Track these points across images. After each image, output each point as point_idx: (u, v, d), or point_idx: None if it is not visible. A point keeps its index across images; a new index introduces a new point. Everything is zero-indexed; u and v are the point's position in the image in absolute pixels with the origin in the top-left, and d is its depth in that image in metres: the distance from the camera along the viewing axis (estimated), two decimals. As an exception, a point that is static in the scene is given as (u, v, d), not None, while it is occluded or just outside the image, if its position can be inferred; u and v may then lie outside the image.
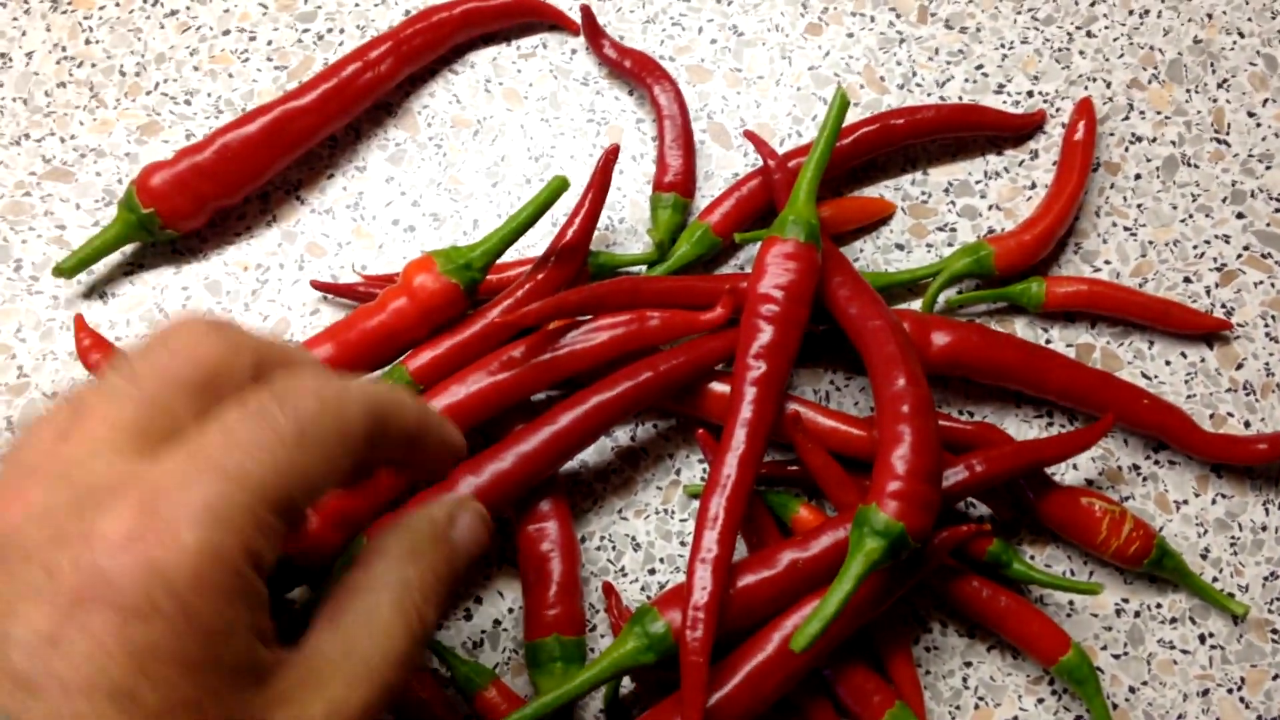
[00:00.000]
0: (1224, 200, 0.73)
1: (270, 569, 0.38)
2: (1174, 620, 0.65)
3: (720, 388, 0.64)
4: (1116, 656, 0.64)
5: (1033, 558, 0.65)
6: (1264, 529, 0.66)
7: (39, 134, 0.73)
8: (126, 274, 0.70)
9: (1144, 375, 0.69)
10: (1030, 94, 0.76)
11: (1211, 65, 0.77)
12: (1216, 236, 0.73)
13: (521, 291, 0.64)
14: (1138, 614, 0.65)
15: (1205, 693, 0.63)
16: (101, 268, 0.70)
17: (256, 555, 0.36)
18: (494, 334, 0.64)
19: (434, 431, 0.47)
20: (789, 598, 0.59)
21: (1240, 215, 0.73)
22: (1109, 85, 0.77)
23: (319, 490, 0.40)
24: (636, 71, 0.74)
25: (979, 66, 0.77)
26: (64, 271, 0.67)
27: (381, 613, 0.42)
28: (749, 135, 0.71)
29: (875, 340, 0.61)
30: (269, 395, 0.39)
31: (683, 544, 0.66)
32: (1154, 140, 0.75)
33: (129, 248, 0.71)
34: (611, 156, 0.64)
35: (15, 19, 0.76)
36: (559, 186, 0.63)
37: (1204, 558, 0.66)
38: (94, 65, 0.75)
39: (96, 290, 0.70)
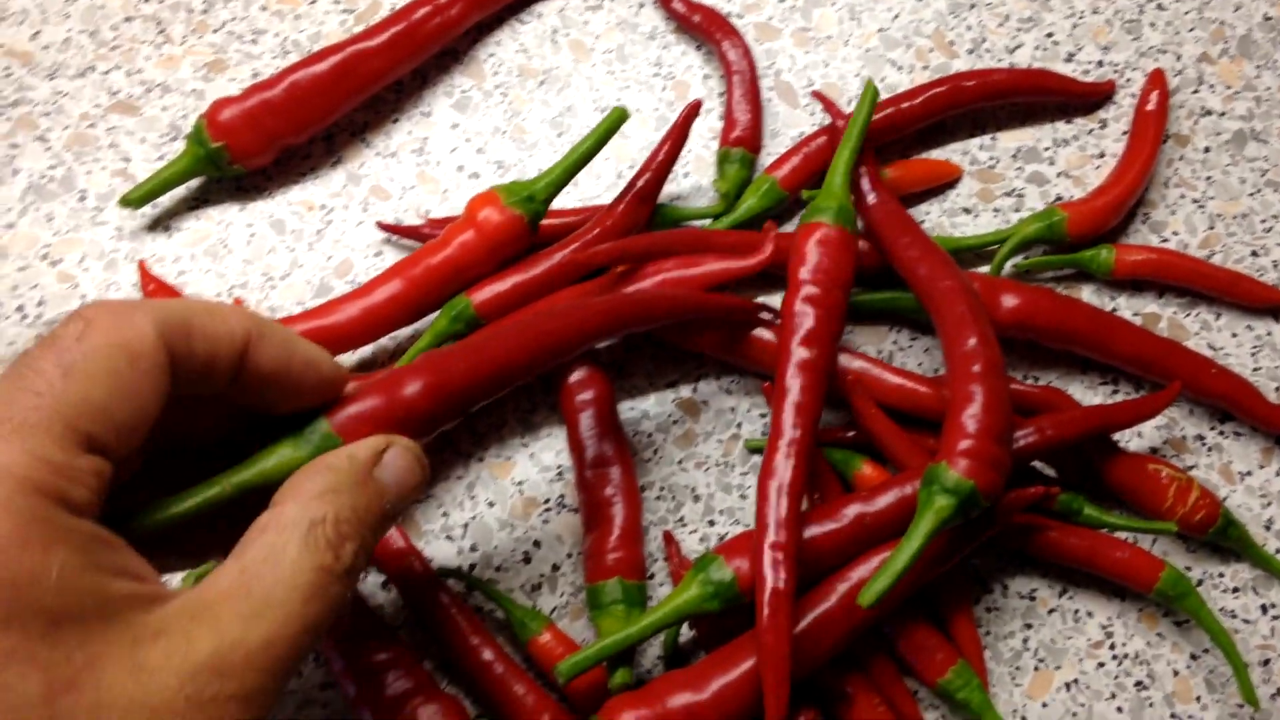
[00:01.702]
0: (1292, 176, 0.73)
1: (98, 505, 0.37)
2: (1236, 590, 0.64)
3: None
4: (1178, 624, 0.63)
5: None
6: (1327, 503, 0.66)
7: (105, 67, 0.73)
8: (191, 209, 0.70)
9: (1210, 346, 0.69)
10: (1100, 64, 0.76)
11: (1281, 42, 0.77)
12: (1285, 212, 0.72)
13: (592, 234, 0.64)
14: (1200, 583, 0.64)
15: (1266, 662, 0.63)
16: (166, 201, 0.70)
17: (62, 496, 0.36)
18: (559, 273, 0.64)
19: (295, 354, 0.45)
20: (852, 552, 0.58)
21: (1309, 191, 0.73)
22: (1179, 58, 0.76)
23: (122, 415, 0.38)
24: (705, 27, 0.74)
25: (1049, 34, 0.77)
26: (130, 202, 0.67)
27: (288, 550, 0.40)
28: (817, 95, 0.70)
29: (946, 301, 0.61)
30: (36, 344, 0.38)
31: (742, 497, 0.65)
32: (1223, 114, 0.75)
33: (194, 183, 0.71)
34: (693, 111, 0.64)
35: (83, -47, 0.76)
36: (619, 117, 0.63)
37: (1267, 529, 0.65)
38: (161, 1, 0.75)
39: (160, 224, 0.70)
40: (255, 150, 0.68)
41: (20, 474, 0.35)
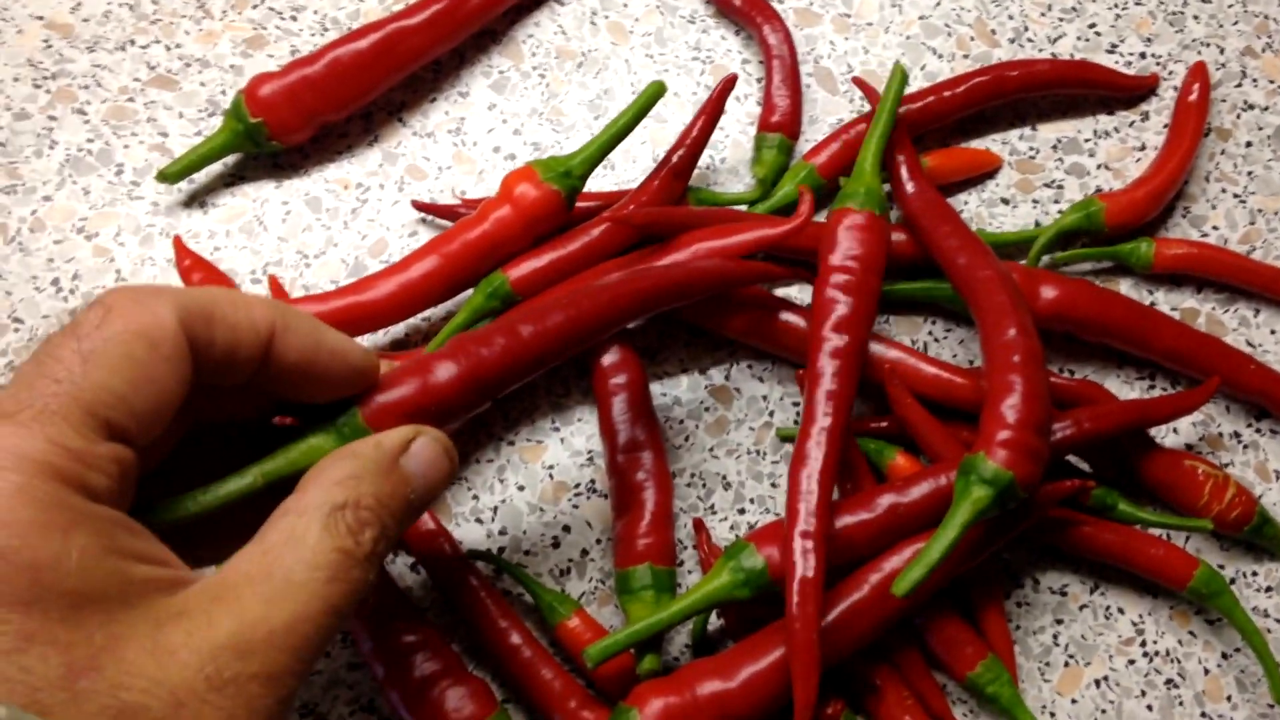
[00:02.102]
0: (1336, 173, 0.72)
1: (119, 491, 0.38)
2: (1269, 589, 0.64)
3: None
4: (1210, 622, 0.63)
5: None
6: (1364, 504, 0.66)
7: (144, 41, 0.73)
8: (227, 185, 0.70)
9: (1248, 343, 0.69)
10: (1143, 55, 0.75)
11: (1327, 37, 0.76)
12: (1327, 208, 0.72)
13: (628, 210, 0.64)
14: (1233, 581, 0.64)
15: (1299, 663, 0.63)
16: (203, 177, 0.70)
17: (82, 482, 0.36)
18: (595, 248, 0.64)
19: (322, 345, 0.45)
20: (885, 542, 0.58)
21: (1353, 188, 0.72)
22: (1222, 51, 0.76)
23: (142, 403, 0.38)
24: (746, 11, 0.74)
25: (1092, 25, 0.76)
26: (168, 177, 0.67)
27: (310, 533, 0.40)
28: (857, 82, 0.70)
29: (985, 290, 0.60)
30: (58, 331, 0.38)
31: (774, 485, 0.65)
32: (1266, 109, 0.74)
33: (230, 159, 0.71)
34: (728, 85, 0.64)
35: (123, -74, 0.76)
36: (657, 90, 0.63)
37: (1303, 528, 0.65)
38: (201, -24, 0.75)
39: (197, 199, 0.70)
40: (294, 127, 0.68)
41: (40, 459, 0.35)
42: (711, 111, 0.64)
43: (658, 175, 0.64)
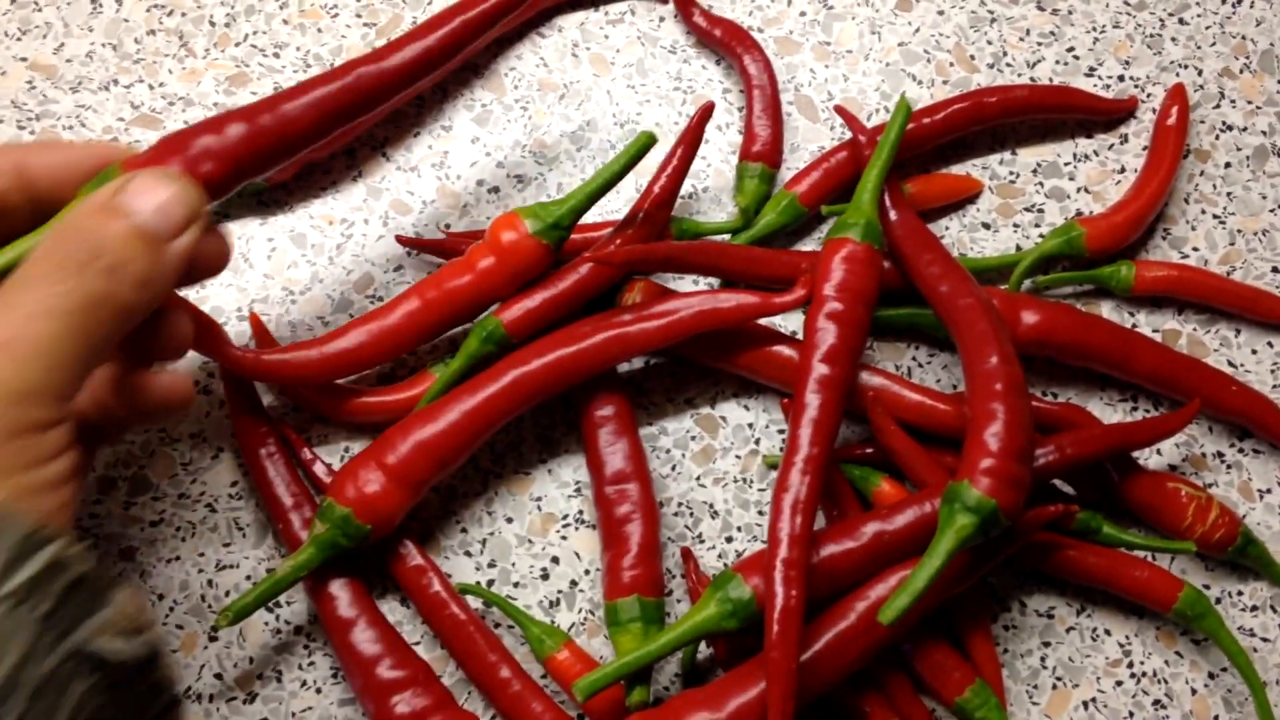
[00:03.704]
0: (1314, 192, 0.73)
1: None
2: (1255, 608, 0.64)
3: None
4: (1196, 642, 0.63)
5: (1114, 541, 0.65)
6: (1348, 522, 0.66)
7: (128, 80, 0.73)
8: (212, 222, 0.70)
9: (1230, 363, 0.69)
10: (1121, 78, 0.76)
11: (1303, 57, 0.77)
12: (1306, 228, 0.72)
13: (615, 242, 0.64)
14: (1218, 600, 0.64)
15: (1286, 682, 0.63)
16: (188, 215, 0.70)
17: None
18: (585, 287, 0.64)
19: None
20: (871, 570, 0.58)
21: (1331, 207, 0.73)
22: (1200, 73, 0.76)
23: None
24: (726, 41, 0.74)
25: (1070, 49, 0.77)
26: None
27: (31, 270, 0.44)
28: (839, 110, 0.70)
29: (967, 318, 0.61)
30: None
31: (760, 513, 0.65)
32: (1244, 129, 0.75)
33: (215, 196, 0.71)
34: (706, 113, 0.64)
35: (106, -34, 0.77)
36: (647, 142, 0.62)
37: (1287, 547, 0.65)
38: (184, 14, 0.75)
39: (182, 237, 0.70)
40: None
41: None
42: (691, 139, 0.64)
43: (642, 206, 0.64)
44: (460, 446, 0.60)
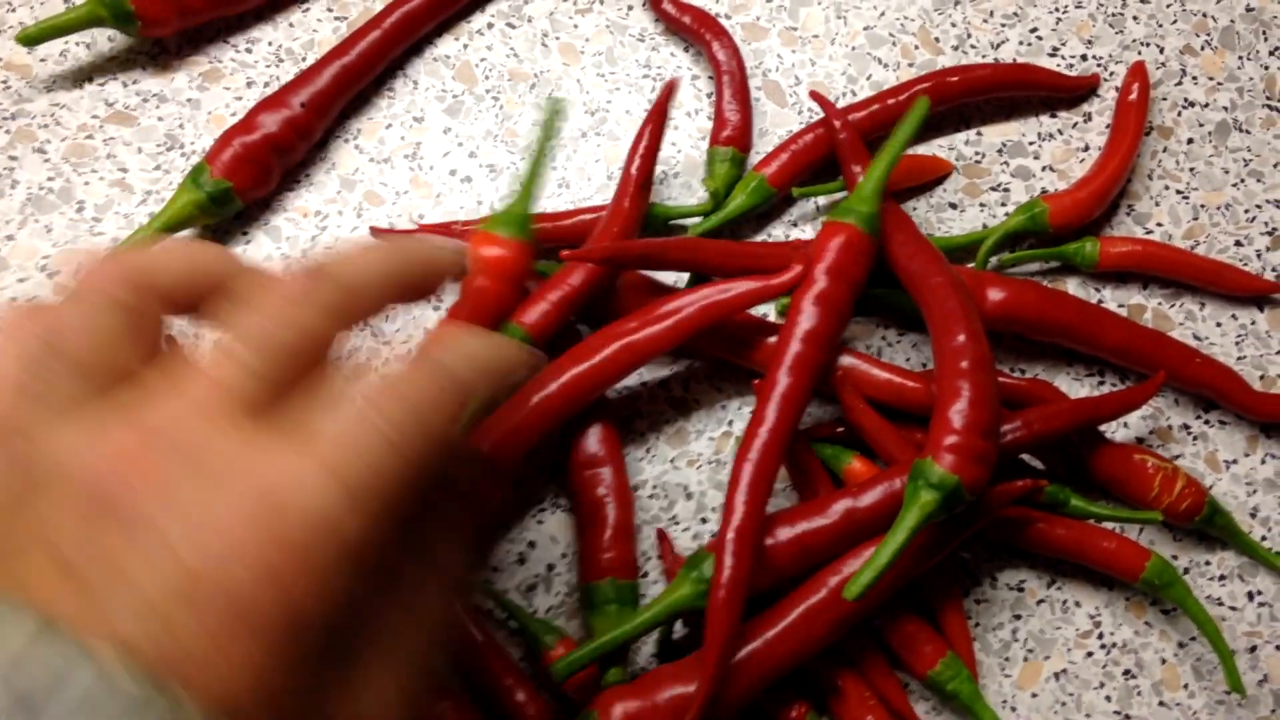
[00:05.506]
0: (1275, 165, 0.74)
1: None
2: (1223, 578, 0.65)
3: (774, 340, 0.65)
4: (1165, 613, 0.64)
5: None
6: (1312, 490, 0.67)
7: (101, 79, 0.74)
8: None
9: (1195, 336, 0.70)
10: (1084, 58, 0.77)
11: (1264, 33, 0.78)
12: (1268, 201, 0.73)
13: (613, 231, 0.65)
14: (1186, 570, 0.65)
15: (1253, 649, 0.64)
16: (163, 211, 0.71)
17: None
18: (595, 278, 0.64)
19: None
20: (842, 546, 0.59)
21: (1293, 181, 0.74)
22: (1162, 51, 0.77)
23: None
24: (694, 27, 0.75)
25: (1033, 30, 0.77)
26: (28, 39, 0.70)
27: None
28: (815, 95, 0.71)
29: (936, 296, 0.61)
30: (364, 398, 0.37)
31: (735, 493, 0.66)
32: (1206, 105, 0.76)
33: (190, 192, 0.71)
34: (670, 90, 0.65)
35: (77, -35, 0.77)
36: (556, 106, 0.60)
37: (1253, 516, 0.66)
38: (155, 12, 0.76)
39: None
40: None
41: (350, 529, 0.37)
42: (658, 118, 0.65)
43: (626, 193, 0.65)
44: None
